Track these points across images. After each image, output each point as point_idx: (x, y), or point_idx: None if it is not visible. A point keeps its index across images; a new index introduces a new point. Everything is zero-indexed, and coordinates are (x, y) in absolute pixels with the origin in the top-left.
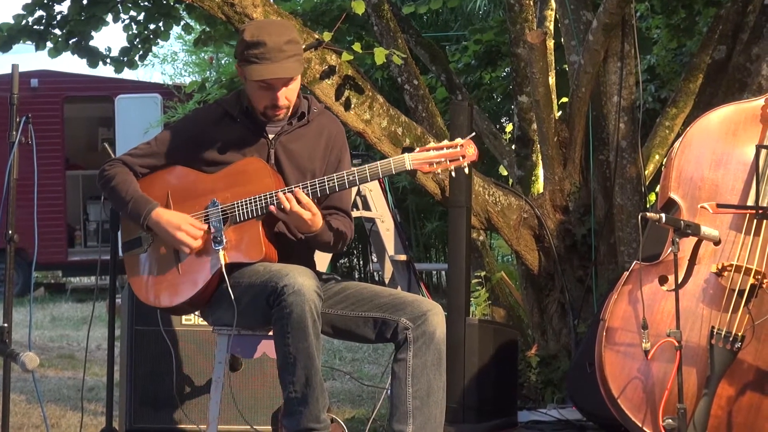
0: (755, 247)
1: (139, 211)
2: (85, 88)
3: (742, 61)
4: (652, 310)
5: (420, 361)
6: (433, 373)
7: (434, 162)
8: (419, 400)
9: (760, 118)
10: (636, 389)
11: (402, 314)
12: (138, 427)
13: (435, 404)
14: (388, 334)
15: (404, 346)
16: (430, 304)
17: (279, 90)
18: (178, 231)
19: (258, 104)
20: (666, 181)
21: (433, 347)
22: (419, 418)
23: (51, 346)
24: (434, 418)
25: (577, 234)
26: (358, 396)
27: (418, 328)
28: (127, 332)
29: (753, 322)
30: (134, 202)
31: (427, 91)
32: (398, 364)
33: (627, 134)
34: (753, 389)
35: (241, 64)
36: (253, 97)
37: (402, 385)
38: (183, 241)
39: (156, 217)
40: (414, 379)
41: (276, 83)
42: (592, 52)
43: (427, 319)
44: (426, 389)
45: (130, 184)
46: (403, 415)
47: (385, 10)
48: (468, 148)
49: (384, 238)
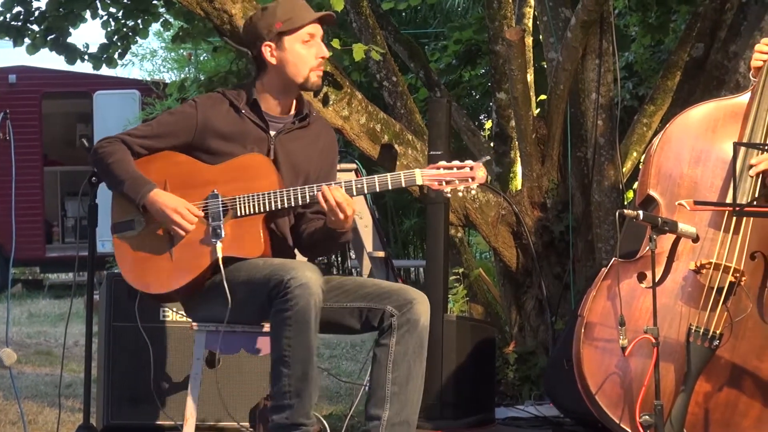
0: (734, 245)
1: (137, 190)
2: (63, 83)
3: (719, 59)
4: (630, 307)
5: (402, 347)
6: (414, 361)
7: (444, 181)
8: (398, 386)
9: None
10: (614, 385)
11: (388, 302)
12: (115, 424)
13: (413, 391)
14: (374, 322)
15: (388, 332)
16: (415, 293)
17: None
18: (174, 213)
19: (303, 68)
20: (645, 177)
21: (416, 335)
22: (396, 404)
23: (28, 342)
24: (411, 405)
25: (555, 231)
26: (336, 392)
27: (403, 315)
28: (104, 329)
29: (731, 320)
30: (132, 181)
31: (406, 88)
32: (380, 348)
33: (605, 131)
34: (730, 386)
35: (274, 39)
36: (297, 62)
37: (382, 370)
38: (179, 224)
39: (153, 198)
40: (394, 365)
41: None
42: (571, 50)
43: (413, 307)
44: (405, 376)
45: (129, 163)
46: (381, 400)
47: (363, 6)
48: (478, 170)
49: (362, 234)
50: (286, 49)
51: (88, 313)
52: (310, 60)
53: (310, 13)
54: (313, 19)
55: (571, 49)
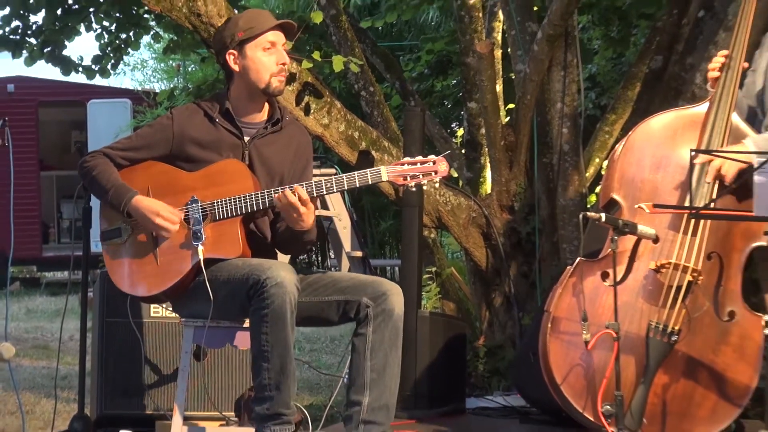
0: (692, 246)
1: (120, 198)
2: (58, 93)
3: (677, 71)
4: (594, 303)
5: (378, 336)
6: (390, 349)
7: (408, 175)
8: (376, 373)
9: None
10: (578, 377)
11: (363, 294)
12: (108, 414)
13: (390, 377)
14: (351, 314)
15: (365, 323)
16: (389, 285)
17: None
18: (156, 216)
19: (264, 74)
20: (608, 182)
21: (392, 324)
22: (375, 390)
23: (26, 337)
24: (389, 390)
25: (522, 232)
26: (316, 384)
27: (378, 306)
28: (98, 324)
29: (689, 317)
30: (115, 190)
31: (383, 97)
32: (358, 338)
33: (569, 139)
34: (687, 379)
35: (237, 48)
36: (259, 68)
37: (361, 359)
38: (162, 226)
39: (136, 203)
40: (372, 353)
41: (278, 37)
42: (537, 62)
43: (387, 298)
44: (383, 363)
45: (111, 173)
46: (361, 387)
47: (342, 21)
48: (440, 164)
49: (341, 235)
50: (248, 57)
51: (82, 309)
52: (271, 66)
53: (272, 21)
54: (272, 26)
55: (538, 62)
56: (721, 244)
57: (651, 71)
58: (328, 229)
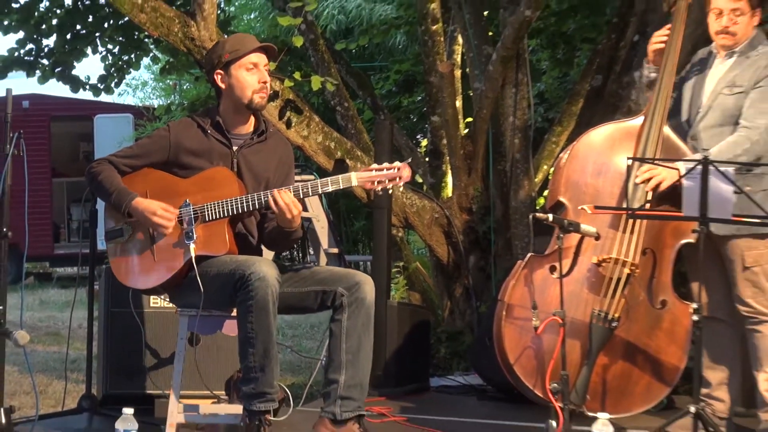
0: (629, 243)
1: (122, 200)
2: (68, 108)
3: (615, 88)
4: (543, 293)
5: (352, 322)
6: (363, 333)
7: (375, 181)
8: (351, 355)
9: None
10: (529, 358)
11: (339, 284)
12: (113, 393)
13: (364, 358)
14: (328, 302)
15: (340, 310)
16: (362, 276)
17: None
18: (154, 215)
19: (247, 91)
20: (555, 186)
21: (364, 311)
22: (350, 369)
23: (39, 325)
24: (362, 370)
25: (479, 231)
26: (298, 366)
27: (352, 295)
28: (103, 313)
29: (627, 306)
30: (118, 193)
31: (356, 112)
32: (335, 323)
33: (520, 148)
34: (625, 360)
35: (223, 68)
36: (242, 86)
37: (337, 342)
38: (159, 223)
39: (136, 204)
40: (347, 337)
41: (260, 59)
42: (492, 80)
43: (360, 287)
44: (357, 346)
45: (114, 178)
46: (338, 367)
47: (320, 44)
48: (404, 170)
49: (319, 234)
50: (233, 76)
51: (89, 300)
52: (253, 84)
53: (254, 43)
54: (254, 49)
55: (493, 80)
56: (655, 241)
57: (592, 88)
58: (307, 228)
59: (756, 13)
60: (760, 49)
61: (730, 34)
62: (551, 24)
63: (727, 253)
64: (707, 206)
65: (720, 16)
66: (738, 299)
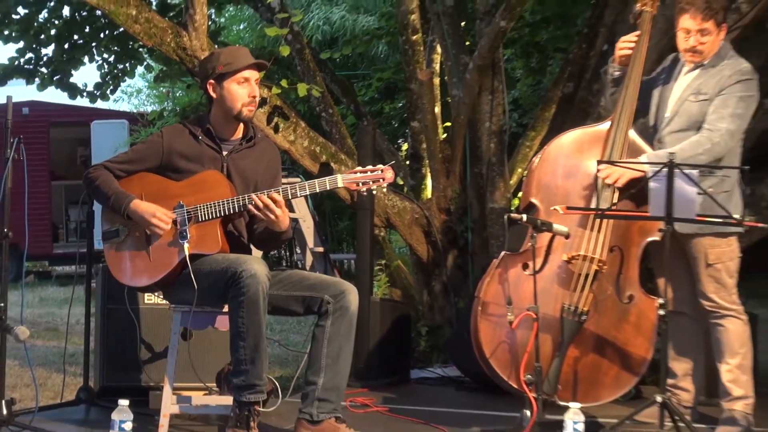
0: (597, 241)
1: (120, 203)
2: (66, 115)
3: (585, 95)
4: (517, 290)
5: (335, 328)
6: (344, 339)
7: (360, 182)
8: (331, 359)
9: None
10: (504, 351)
11: (325, 292)
12: (109, 385)
13: (343, 363)
14: (314, 308)
15: (325, 316)
16: (347, 286)
17: (252, 81)
18: (152, 217)
19: (237, 104)
20: (528, 188)
21: (347, 319)
22: (329, 373)
23: (39, 321)
24: (340, 374)
25: (457, 230)
26: (285, 359)
27: (337, 302)
28: (100, 309)
29: (595, 300)
30: (116, 196)
31: (340, 118)
32: (318, 329)
33: (496, 152)
34: (594, 352)
35: (216, 79)
36: (233, 98)
37: (319, 346)
38: (156, 225)
39: (134, 207)
40: (329, 342)
41: (252, 74)
42: (469, 88)
43: (345, 296)
44: (337, 351)
45: (111, 183)
46: (318, 369)
47: (306, 53)
48: (387, 172)
49: (305, 234)
50: (225, 88)
51: (87, 297)
52: (243, 97)
53: (248, 59)
54: (248, 65)
55: (470, 88)
56: (622, 239)
57: (564, 95)
58: (294, 229)
59: (722, 28)
60: (726, 59)
61: (698, 52)
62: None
63: (691, 250)
64: (672, 206)
65: (688, 36)
66: (701, 294)
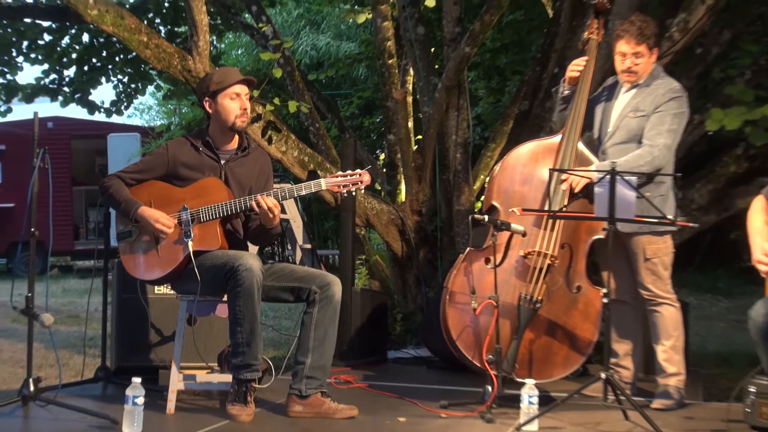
0: (550, 239)
1: (129, 209)
2: (86, 129)
3: (539, 112)
4: (480, 281)
5: (321, 315)
6: (329, 325)
7: (341, 185)
8: (318, 342)
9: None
10: (469, 335)
11: (313, 283)
12: (124, 365)
13: (328, 346)
14: (303, 297)
15: (312, 304)
16: (332, 278)
17: (242, 96)
18: (156, 222)
19: (230, 116)
20: (489, 192)
21: (332, 307)
22: (316, 353)
23: (62, 309)
24: (326, 355)
25: (428, 229)
26: (278, 342)
27: (324, 292)
28: (116, 299)
29: (548, 290)
30: (126, 203)
31: (325, 131)
32: (307, 315)
33: (461, 161)
34: (547, 335)
35: (211, 96)
36: (227, 112)
37: (307, 331)
38: (160, 229)
39: (141, 212)
40: (316, 327)
41: (242, 89)
42: (438, 105)
43: (330, 287)
44: (323, 335)
45: (123, 190)
46: (305, 351)
47: (296, 75)
48: (364, 176)
49: (295, 232)
50: (219, 103)
51: (104, 288)
52: (235, 110)
53: (237, 77)
54: (237, 81)
55: (438, 105)
56: (571, 237)
57: (520, 112)
58: (285, 228)
59: (654, 51)
60: (659, 79)
61: (633, 73)
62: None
63: (631, 247)
64: (614, 208)
65: (624, 59)
66: (640, 285)
